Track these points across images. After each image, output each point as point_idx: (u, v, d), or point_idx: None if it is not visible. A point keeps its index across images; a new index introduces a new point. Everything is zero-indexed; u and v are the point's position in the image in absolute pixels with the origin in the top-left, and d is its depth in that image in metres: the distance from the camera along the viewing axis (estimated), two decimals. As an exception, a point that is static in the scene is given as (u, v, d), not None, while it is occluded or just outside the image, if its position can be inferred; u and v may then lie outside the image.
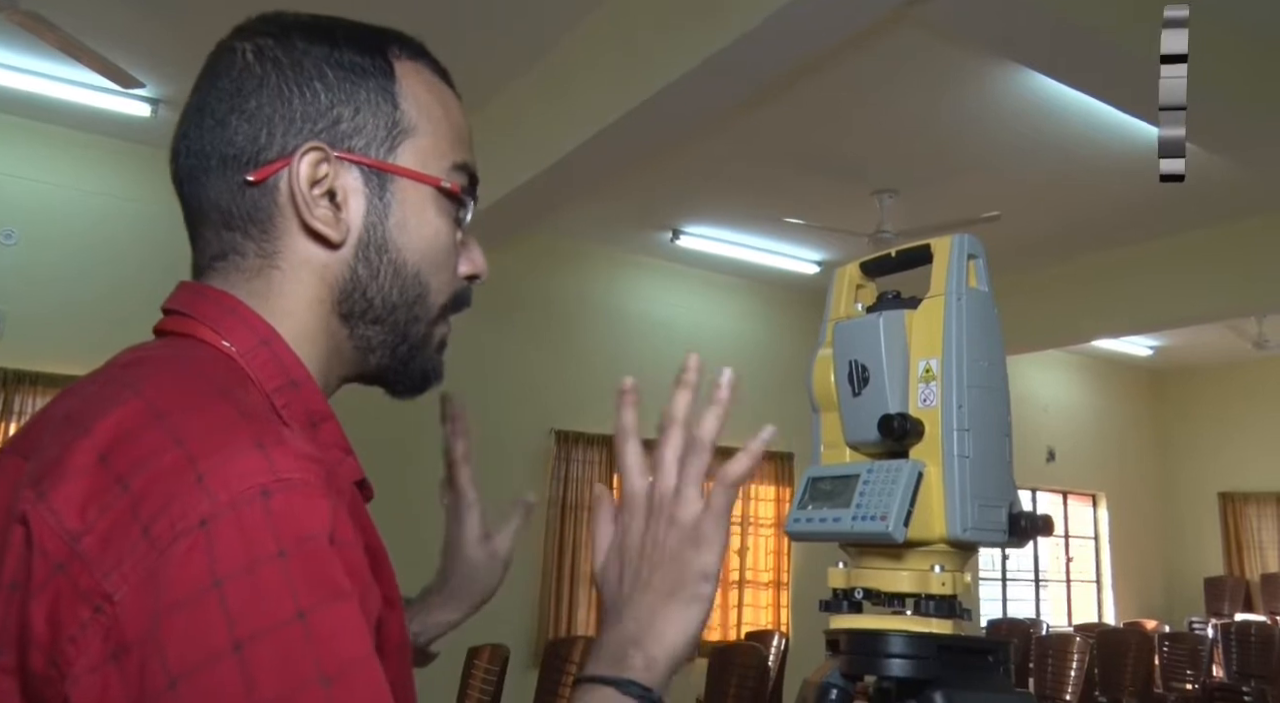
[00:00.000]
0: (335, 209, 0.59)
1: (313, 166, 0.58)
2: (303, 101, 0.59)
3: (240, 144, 0.59)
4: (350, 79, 0.60)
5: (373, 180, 0.60)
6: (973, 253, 0.84)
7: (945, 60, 3.94)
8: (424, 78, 0.65)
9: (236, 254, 0.60)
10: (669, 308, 6.78)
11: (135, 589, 0.43)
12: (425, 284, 0.63)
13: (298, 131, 0.58)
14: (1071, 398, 9.15)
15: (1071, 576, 9.26)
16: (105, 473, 0.46)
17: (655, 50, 3.31)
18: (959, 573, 0.80)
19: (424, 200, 0.62)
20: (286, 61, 0.59)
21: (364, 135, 0.60)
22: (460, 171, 0.65)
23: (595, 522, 0.67)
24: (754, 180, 5.26)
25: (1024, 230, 5.60)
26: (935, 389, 0.79)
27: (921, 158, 4.86)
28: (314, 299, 0.60)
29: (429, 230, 0.62)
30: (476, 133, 2.76)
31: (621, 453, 0.68)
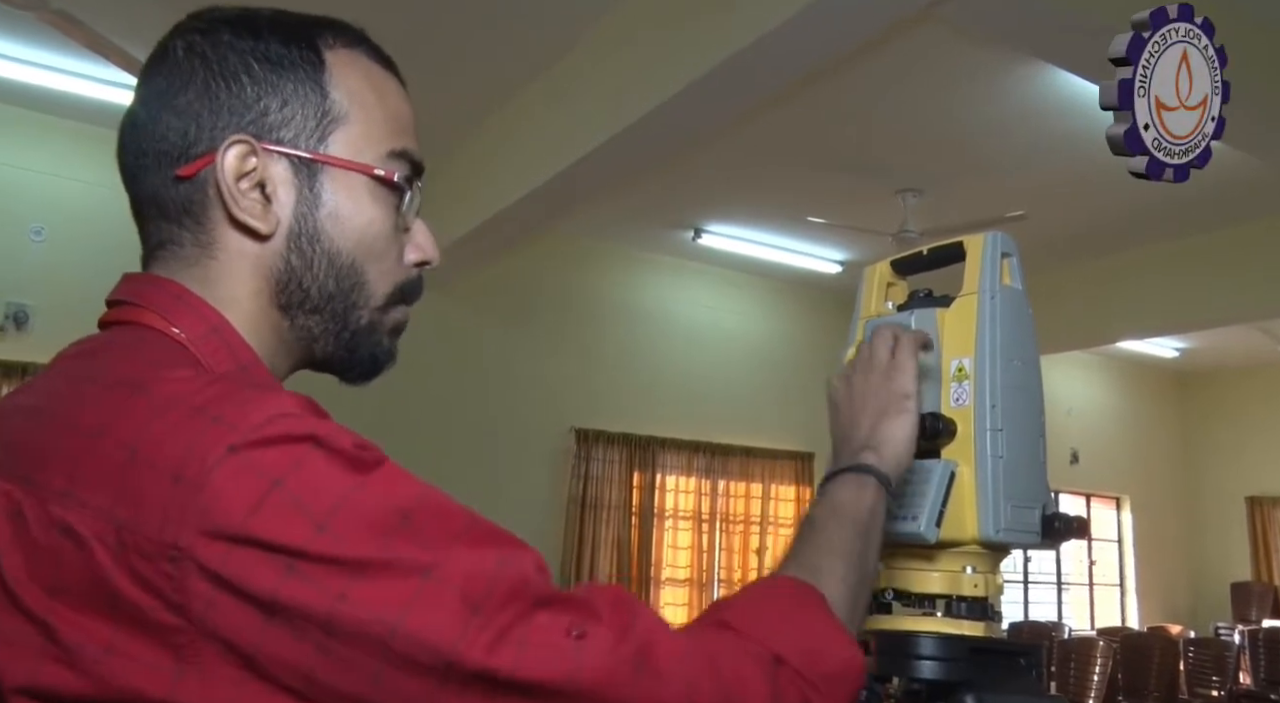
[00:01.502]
0: (265, 201, 0.60)
1: (239, 160, 0.59)
2: (229, 95, 0.59)
3: (172, 140, 0.60)
4: (276, 71, 0.60)
5: (302, 171, 0.61)
6: (1006, 251, 0.83)
7: (969, 58, 3.90)
8: (360, 65, 0.64)
9: (175, 244, 0.61)
10: (690, 307, 6.77)
11: (195, 529, 0.45)
12: (362, 272, 0.63)
13: (224, 125, 0.59)
14: (1095, 400, 9.05)
15: (1095, 579, 9.16)
16: (107, 448, 0.48)
17: (677, 49, 3.30)
18: (991, 575, 0.79)
19: (357, 189, 0.62)
20: (213, 56, 0.60)
21: (292, 126, 0.60)
22: (398, 159, 0.64)
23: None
24: (776, 179, 5.24)
25: (1049, 230, 5.54)
26: (968, 388, 0.79)
27: (945, 157, 4.82)
28: (252, 290, 0.61)
29: (363, 219, 0.62)
30: (499, 132, 2.78)
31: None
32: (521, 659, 0.46)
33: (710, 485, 6.61)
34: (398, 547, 0.46)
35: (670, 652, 0.51)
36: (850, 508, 0.68)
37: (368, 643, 0.45)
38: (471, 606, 0.46)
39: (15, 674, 0.47)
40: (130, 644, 0.45)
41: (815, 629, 0.59)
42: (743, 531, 6.72)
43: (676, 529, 6.53)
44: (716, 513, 6.64)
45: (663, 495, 6.45)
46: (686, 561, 6.49)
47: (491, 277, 5.83)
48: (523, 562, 0.50)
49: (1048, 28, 2.98)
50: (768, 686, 0.54)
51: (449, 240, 4.95)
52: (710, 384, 6.65)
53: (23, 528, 0.48)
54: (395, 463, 0.50)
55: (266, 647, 0.45)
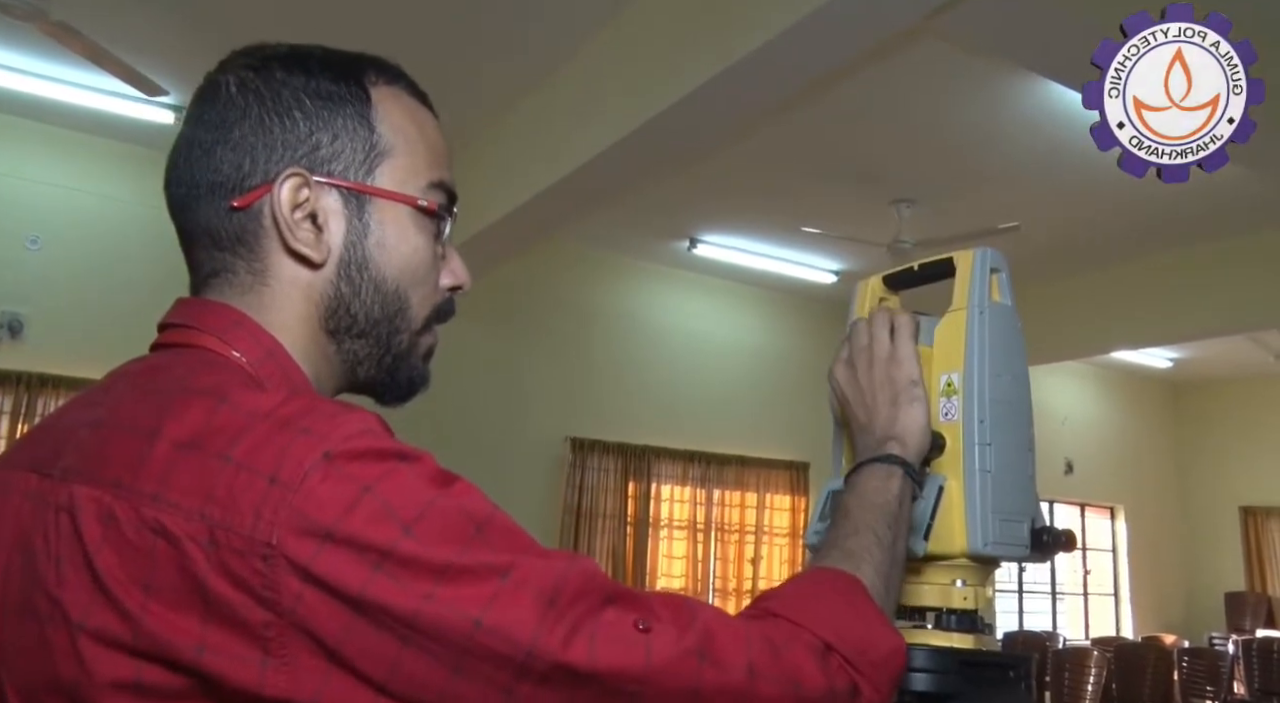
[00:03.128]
0: (317, 231, 0.63)
1: (293, 191, 0.62)
2: (283, 130, 0.62)
3: (226, 172, 0.62)
4: (327, 107, 0.63)
5: (351, 202, 0.64)
6: (995, 267, 0.84)
7: (964, 70, 3.93)
8: (401, 101, 0.68)
9: (229, 272, 0.64)
10: (686, 317, 6.78)
11: (288, 527, 0.48)
12: (406, 298, 0.66)
13: (279, 158, 0.62)
14: (1089, 410, 9.08)
15: (1089, 589, 9.18)
16: (199, 456, 0.50)
17: (674, 61, 3.32)
18: (981, 588, 0.80)
19: (402, 219, 0.65)
20: (266, 93, 0.63)
21: (342, 159, 0.63)
22: (438, 189, 0.67)
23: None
24: (771, 189, 5.26)
25: (1043, 241, 5.57)
26: (957, 404, 0.79)
27: (940, 168, 4.85)
28: (302, 316, 0.64)
29: (408, 247, 0.65)
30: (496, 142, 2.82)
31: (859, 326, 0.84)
32: (595, 652, 0.50)
33: (705, 495, 6.62)
34: (476, 552, 0.50)
35: (731, 641, 0.54)
36: (880, 497, 0.72)
37: (451, 638, 0.48)
38: (546, 601, 0.50)
39: (106, 671, 0.49)
40: (221, 639, 0.48)
41: (860, 618, 0.61)
42: (738, 540, 6.72)
43: (671, 539, 6.53)
44: (711, 522, 6.64)
45: (658, 505, 6.46)
46: (681, 570, 6.49)
47: (487, 286, 5.84)
48: (586, 564, 0.53)
49: (1042, 41, 3.00)
50: (821, 672, 0.57)
51: (445, 250, 4.96)
52: (705, 394, 6.66)
53: (115, 530, 0.49)
54: (469, 481, 0.54)
55: (352, 640, 0.48)
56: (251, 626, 0.48)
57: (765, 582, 6.77)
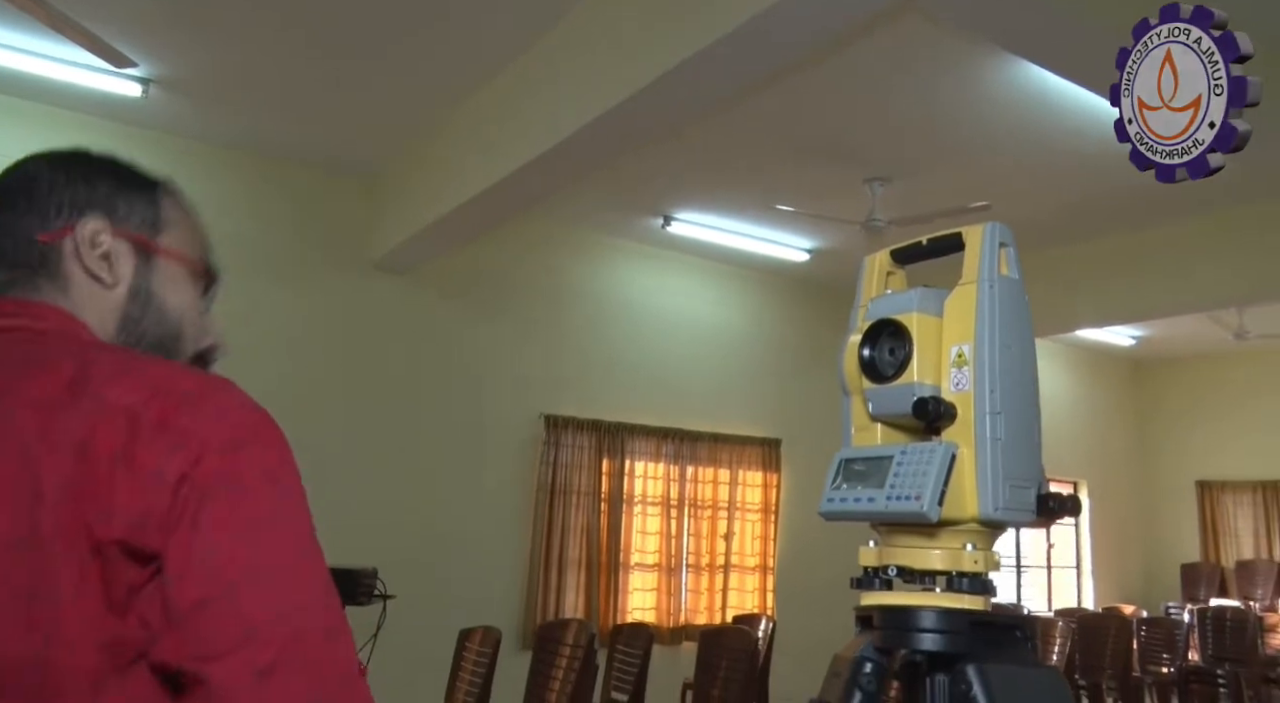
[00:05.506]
0: (108, 263, 0.81)
1: (93, 233, 0.80)
2: (89, 191, 0.82)
3: (34, 220, 0.80)
4: (126, 186, 0.84)
5: (141, 252, 0.83)
6: (1004, 241, 0.86)
7: (939, 49, 3.96)
8: (180, 202, 0.88)
9: (26, 283, 0.80)
10: (660, 294, 6.79)
11: (204, 439, 0.65)
12: (180, 331, 0.85)
13: (83, 208, 0.81)
14: (1054, 386, 9.24)
15: (1052, 562, 9.38)
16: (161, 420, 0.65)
17: (649, 39, 3.31)
18: (989, 551, 0.82)
19: (178, 273, 0.85)
20: (77, 174, 0.83)
21: (134, 221, 0.83)
22: (203, 262, 0.88)
23: None
24: (745, 167, 5.27)
25: (1012, 219, 5.53)
26: (968, 374, 0.82)
27: (913, 146, 4.88)
28: (99, 320, 0.81)
29: (185, 295, 0.86)
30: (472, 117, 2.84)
31: None
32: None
33: (679, 471, 6.66)
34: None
35: None
36: None
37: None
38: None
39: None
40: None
41: None
42: (710, 516, 6.78)
43: (645, 515, 6.57)
44: (685, 499, 6.69)
45: (632, 481, 6.49)
46: (655, 546, 6.54)
47: (460, 263, 5.81)
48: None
49: (1016, 20, 3.03)
50: None
51: (418, 227, 4.92)
52: (679, 371, 6.69)
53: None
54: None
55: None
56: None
57: (738, 557, 6.85)
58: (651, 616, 6.42)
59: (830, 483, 0.87)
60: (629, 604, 6.40)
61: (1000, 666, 0.78)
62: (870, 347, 0.88)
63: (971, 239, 0.86)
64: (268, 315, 5.15)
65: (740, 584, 6.86)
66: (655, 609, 6.47)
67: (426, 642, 4.55)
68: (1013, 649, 0.81)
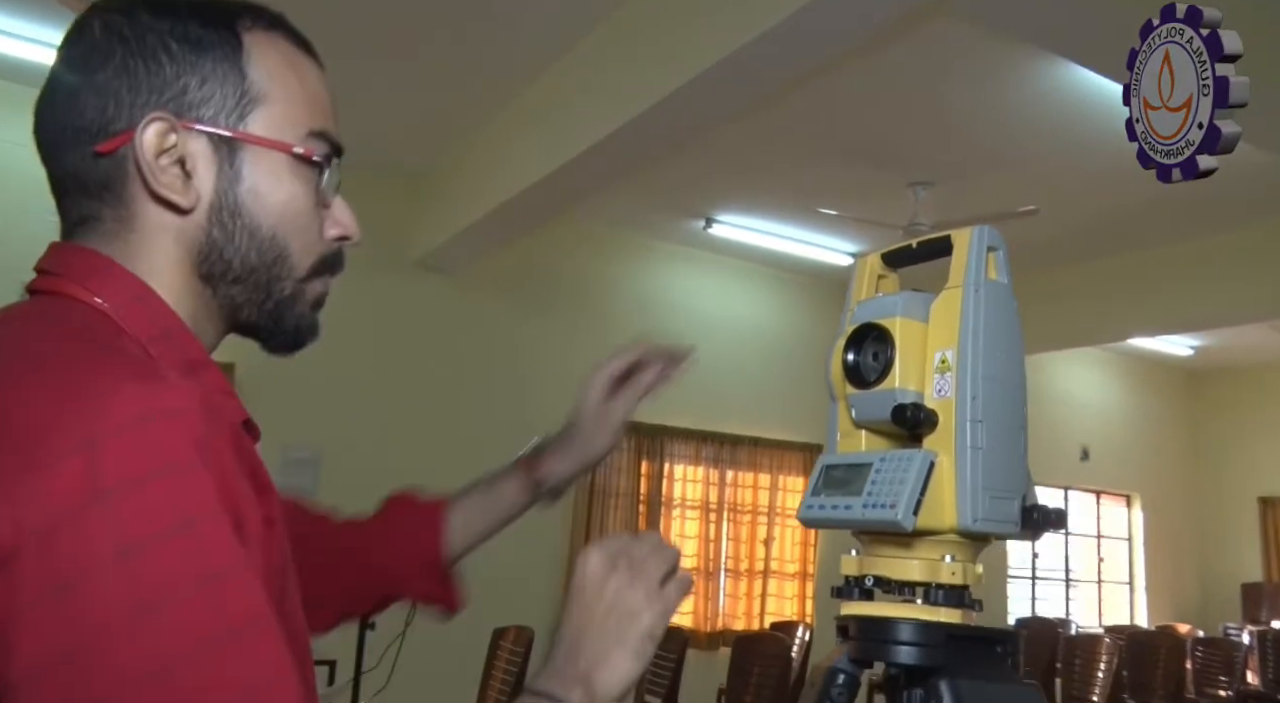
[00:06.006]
0: (185, 176, 0.62)
1: (159, 136, 0.61)
2: (148, 74, 0.61)
3: (90, 116, 0.61)
4: (195, 51, 0.62)
5: (223, 149, 0.63)
6: (993, 245, 0.84)
7: (984, 51, 3.89)
8: (278, 48, 0.66)
9: (95, 220, 0.63)
10: (700, 296, 6.77)
11: (21, 507, 0.46)
12: (284, 246, 0.66)
13: (144, 103, 0.61)
14: (1107, 397, 9.02)
15: (1103, 576, 9.15)
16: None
17: (692, 36, 3.30)
18: (970, 564, 0.80)
19: (277, 166, 0.65)
20: (131, 36, 0.61)
21: (211, 105, 0.62)
22: (317, 138, 0.67)
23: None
24: (788, 170, 5.24)
25: (1062, 226, 5.52)
26: (950, 380, 0.80)
27: (958, 149, 4.80)
28: (174, 261, 0.63)
29: (284, 195, 0.65)
30: (514, 117, 2.81)
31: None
32: None
33: (718, 475, 6.63)
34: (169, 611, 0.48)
35: None
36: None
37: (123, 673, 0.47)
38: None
39: None
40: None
41: None
42: (750, 521, 6.74)
43: (684, 518, 6.56)
44: (724, 503, 6.66)
45: (671, 484, 6.48)
46: (694, 550, 6.52)
47: (503, 264, 5.86)
48: None
49: (1061, 22, 2.97)
50: None
51: (461, 226, 4.97)
52: (719, 374, 6.66)
53: None
54: (227, 523, 0.51)
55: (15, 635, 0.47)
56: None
57: (778, 563, 6.79)
58: (689, 620, 6.39)
59: (811, 489, 0.85)
60: (666, 608, 6.38)
61: (975, 682, 0.75)
62: (855, 351, 0.87)
63: (959, 242, 0.84)
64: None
65: (779, 590, 6.80)
66: (693, 613, 6.44)
67: (461, 640, 4.58)
68: (992, 665, 0.78)
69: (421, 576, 1.02)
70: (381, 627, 3.19)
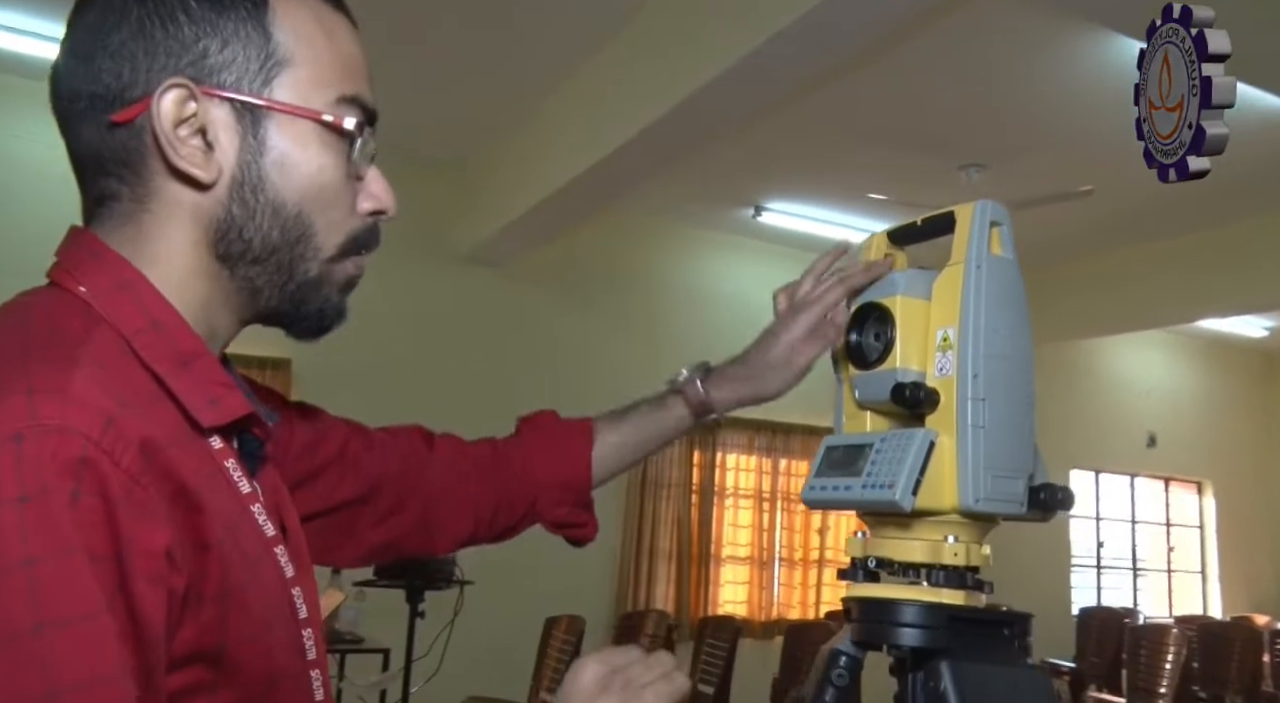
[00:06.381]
0: (206, 148, 0.57)
1: (177, 105, 0.56)
2: (165, 35, 0.56)
3: (105, 82, 0.57)
4: (215, 9, 0.57)
5: (246, 117, 0.58)
6: (996, 219, 0.82)
7: (1034, 28, 3.79)
8: (307, 5, 0.61)
9: (111, 199, 0.59)
10: (750, 285, 6.72)
11: None
12: (309, 223, 0.61)
13: (161, 68, 0.56)
14: (1175, 380, 8.73)
15: (1174, 566, 8.88)
16: None
17: (734, 18, 3.26)
18: (975, 544, 0.79)
19: (305, 135, 0.60)
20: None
21: (234, 69, 0.57)
22: (349, 104, 0.61)
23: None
24: (836, 155, 5.17)
25: (1121, 205, 5.35)
26: (951, 358, 0.78)
27: (1010, 130, 4.69)
28: (188, 242, 0.59)
29: (311, 167, 0.60)
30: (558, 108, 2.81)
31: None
32: None
33: (771, 464, 6.60)
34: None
35: None
36: None
37: None
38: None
39: None
40: None
41: None
42: (804, 510, 6.69)
43: (737, 508, 6.54)
44: (777, 492, 6.62)
45: (723, 474, 6.46)
46: (747, 539, 6.50)
47: (552, 256, 5.89)
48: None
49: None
50: None
51: (508, 220, 5.01)
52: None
53: None
54: (83, 562, 0.46)
55: None
56: None
57: (833, 552, 6.73)
58: (743, 609, 6.38)
59: (814, 471, 0.85)
60: (720, 597, 6.38)
61: (977, 664, 0.74)
62: (857, 332, 0.86)
63: (961, 218, 0.83)
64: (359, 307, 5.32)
65: (835, 580, 6.75)
66: (747, 603, 6.43)
67: (513, 629, 4.65)
68: (998, 648, 0.77)
69: (562, 498, 0.97)
70: (431, 616, 3.26)
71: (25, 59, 4.19)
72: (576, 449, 0.97)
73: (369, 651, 3.65)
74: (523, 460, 0.96)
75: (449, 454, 0.94)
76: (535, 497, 0.96)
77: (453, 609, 3.03)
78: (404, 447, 0.92)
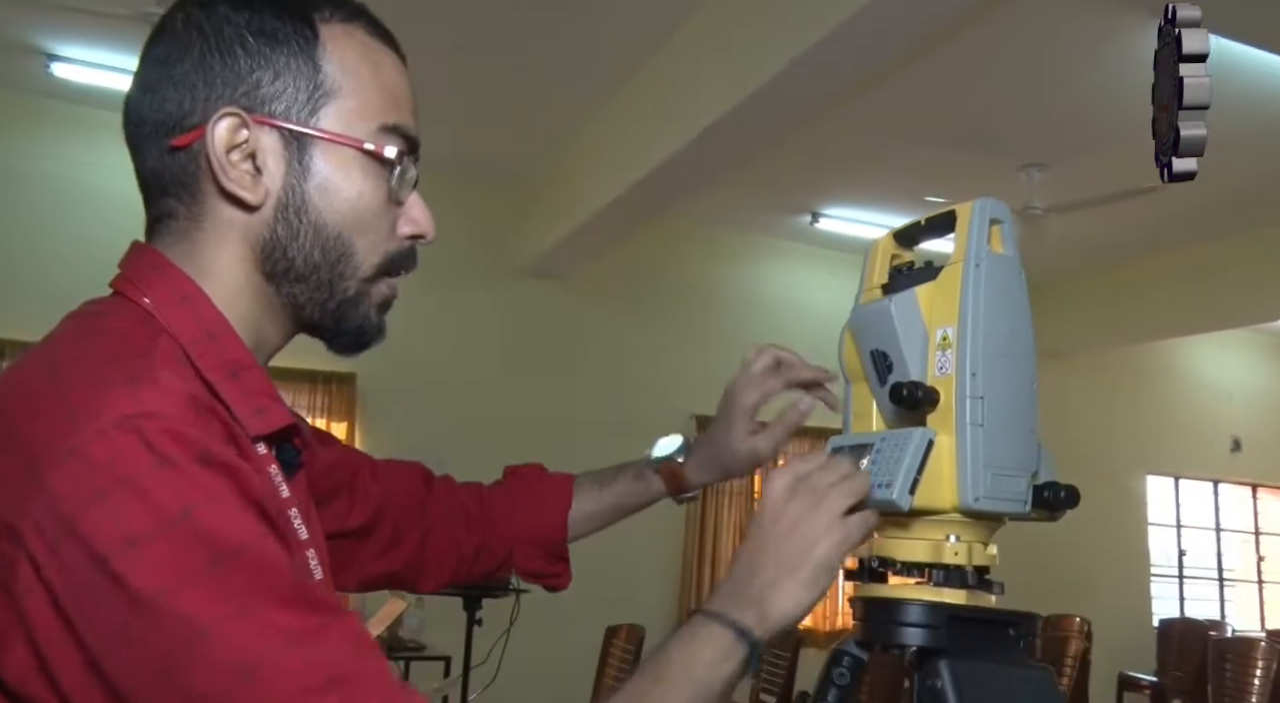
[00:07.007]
0: (255, 172, 0.62)
1: (230, 131, 0.61)
2: (223, 68, 0.62)
3: (169, 111, 0.62)
4: (270, 44, 0.62)
5: (293, 144, 0.63)
6: (996, 217, 0.82)
7: (1094, 20, 3.70)
8: (355, 39, 0.66)
9: (170, 218, 0.65)
10: (809, 292, 6.68)
11: (33, 516, 0.49)
12: (349, 245, 0.65)
13: (218, 97, 0.62)
14: (1263, 382, 8.36)
15: (1264, 576, 8.49)
16: (2, 429, 0.53)
17: (786, 21, 3.24)
18: (979, 544, 0.78)
19: (347, 162, 0.64)
20: (210, 29, 0.62)
21: (284, 99, 0.63)
22: (391, 133, 0.66)
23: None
24: (892, 159, 5.11)
25: (1191, 201, 5.17)
26: (951, 357, 0.78)
27: (1071, 128, 4.57)
28: (237, 258, 0.64)
29: (352, 192, 0.64)
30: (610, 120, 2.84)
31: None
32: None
33: (834, 473, 6.52)
34: (188, 594, 0.48)
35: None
36: (708, 675, 0.65)
37: (130, 682, 0.47)
38: (240, 676, 0.47)
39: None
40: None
41: None
42: (868, 519, 6.60)
43: (800, 517, 6.46)
44: (841, 501, 6.53)
45: (785, 483, 6.40)
46: (810, 548, 6.43)
47: (609, 266, 5.94)
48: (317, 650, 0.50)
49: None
50: None
51: (568, 231, 5.06)
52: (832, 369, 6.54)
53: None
54: (236, 503, 0.51)
55: (53, 646, 0.48)
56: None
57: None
58: (807, 618, 6.29)
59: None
60: (783, 607, 6.32)
61: (978, 664, 0.73)
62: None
63: (961, 216, 0.83)
64: (421, 322, 5.42)
65: (901, 590, 6.63)
66: (811, 612, 6.34)
67: (573, 638, 4.67)
68: (1002, 648, 0.76)
69: (536, 550, 1.02)
70: (488, 623, 3.30)
71: (101, 92, 4.42)
72: (554, 507, 1.02)
73: (430, 658, 3.71)
74: (504, 511, 1.01)
75: (443, 496, 0.99)
76: (511, 547, 1.01)
77: (509, 617, 3.07)
78: (406, 483, 0.98)
